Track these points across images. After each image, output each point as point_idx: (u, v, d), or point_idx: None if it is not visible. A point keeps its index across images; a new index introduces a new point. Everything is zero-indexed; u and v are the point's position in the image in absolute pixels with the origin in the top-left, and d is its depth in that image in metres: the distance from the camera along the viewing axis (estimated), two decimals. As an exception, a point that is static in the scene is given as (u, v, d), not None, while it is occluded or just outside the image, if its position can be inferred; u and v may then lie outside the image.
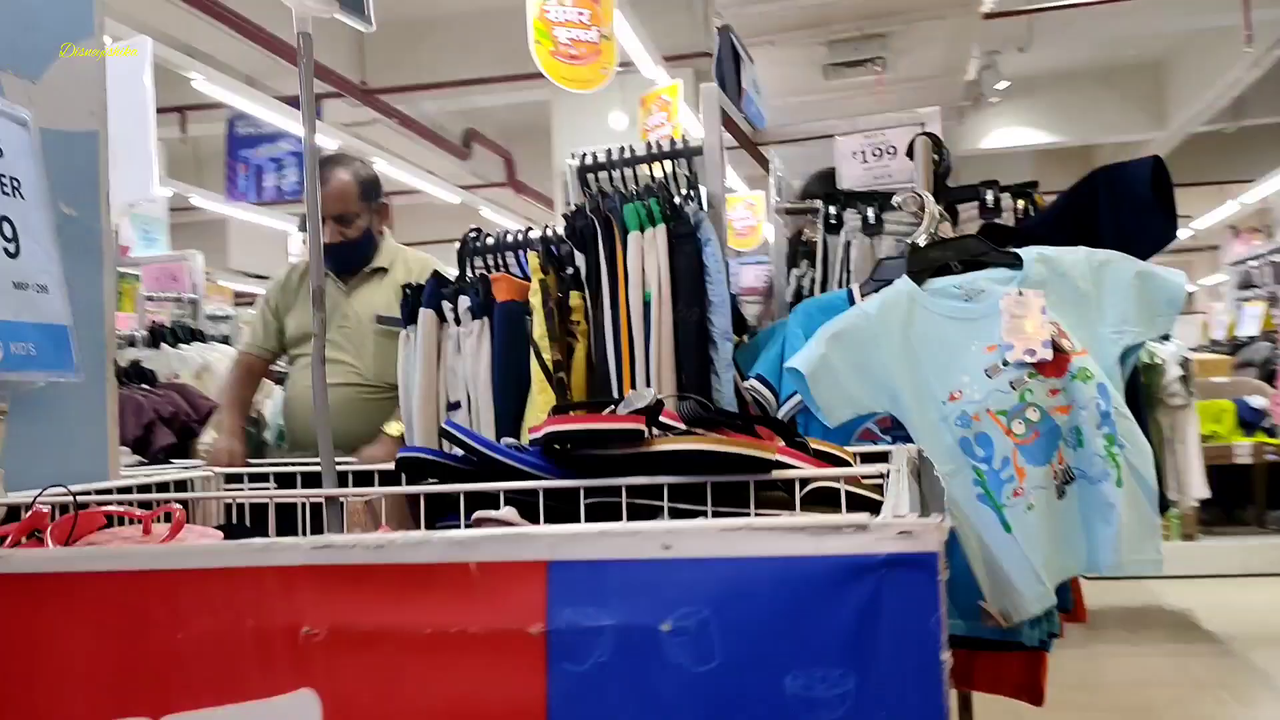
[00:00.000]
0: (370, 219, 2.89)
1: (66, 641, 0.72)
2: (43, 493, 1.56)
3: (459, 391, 2.22)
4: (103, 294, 1.97)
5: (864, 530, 0.69)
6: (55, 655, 0.72)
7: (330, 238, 2.82)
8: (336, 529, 1.43)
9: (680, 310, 2.14)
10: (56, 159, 1.88)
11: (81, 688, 0.71)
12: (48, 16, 1.88)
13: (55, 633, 0.72)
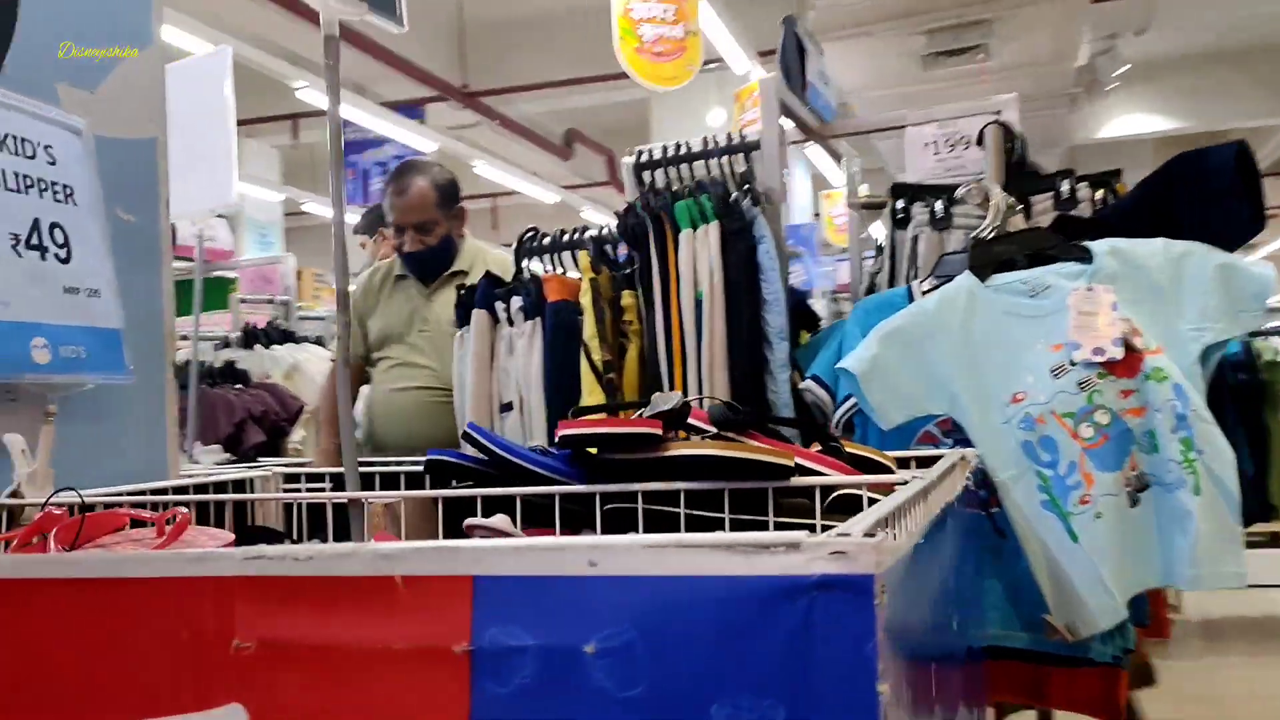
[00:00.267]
0: (449, 224, 2.88)
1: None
2: (54, 495, 1.60)
3: (511, 392, 2.21)
4: (161, 297, 2.02)
5: (795, 549, 0.64)
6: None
7: (411, 246, 2.83)
8: (359, 532, 1.43)
9: (732, 309, 2.08)
10: (115, 166, 1.93)
11: (6, 698, 0.71)
12: (106, 28, 1.93)
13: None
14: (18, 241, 1.62)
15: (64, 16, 1.84)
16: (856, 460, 1.52)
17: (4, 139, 1.64)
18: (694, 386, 2.08)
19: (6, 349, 1.56)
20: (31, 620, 0.74)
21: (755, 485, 1.29)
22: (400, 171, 3.02)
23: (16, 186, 1.64)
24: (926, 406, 1.90)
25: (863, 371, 1.86)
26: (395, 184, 2.93)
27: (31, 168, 1.68)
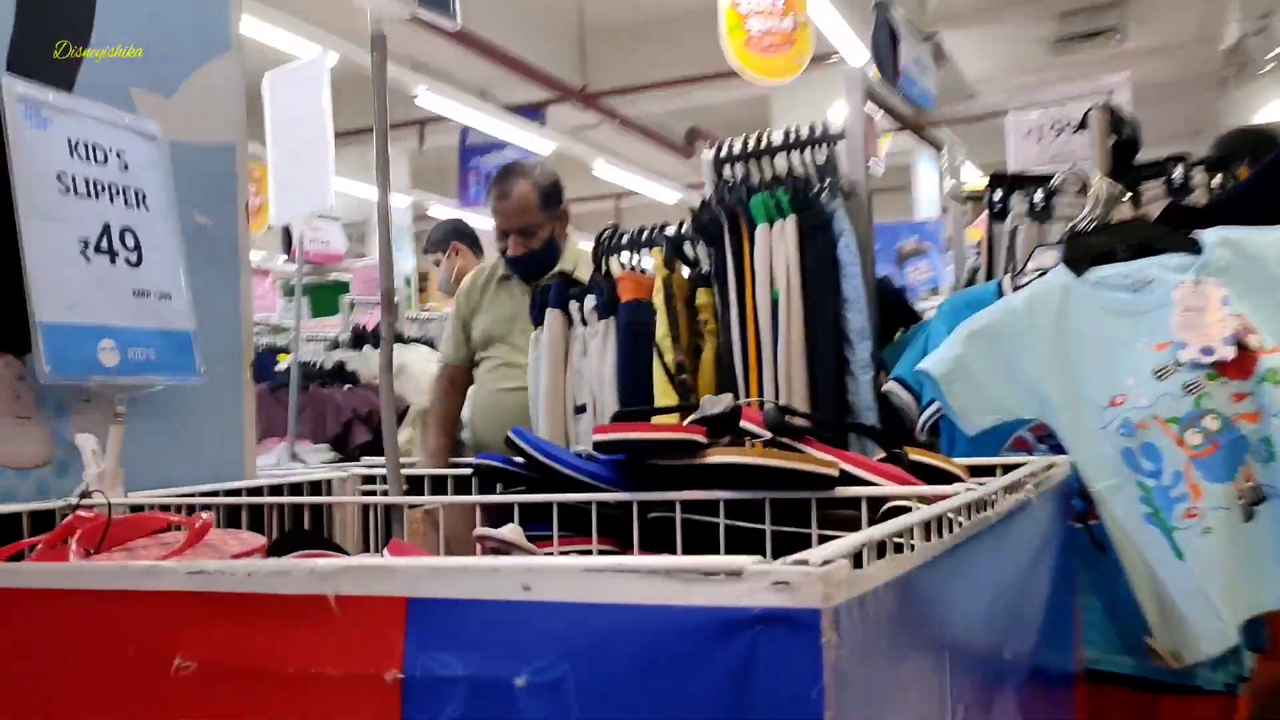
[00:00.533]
0: (552, 226, 2.85)
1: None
2: (83, 498, 1.62)
3: (585, 394, 2.16)
4: (238, 299, 2.05)
5: (737, 578, 0.56)
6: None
7: (514, 251, 2.82)
8: (399, 536, 1.40)
9: (811, 308, 1.99)
10: (192, 171, 1.96)
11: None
12: (185, 34, 1.97)
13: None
14: (86, 246, 1.65)
15: (140, 23, 1.88)
16: (922, 469, 1.42)
17: (75, 145, 1.67)
18: (770, 389, 2.00)
19: (75, 351, 1.59)
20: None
21: (797, 495, 1.21)
22: (502, 175, 3.01)
23: (87, 192, 1.67)
24: (1014, 410, 1.78)
25: (944, 373, 1.75)
26: (498, 188, 2.92)
27: (102, 173, 1.71)
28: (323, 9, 7.33)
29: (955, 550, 0.79)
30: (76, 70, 1.76)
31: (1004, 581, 1.08)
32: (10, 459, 1.63)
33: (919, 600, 0.71)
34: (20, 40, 1.66)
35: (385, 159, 1.50)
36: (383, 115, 1.49)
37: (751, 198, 2.05)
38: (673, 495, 1.27)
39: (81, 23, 1.77)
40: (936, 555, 0.73)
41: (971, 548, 0.88)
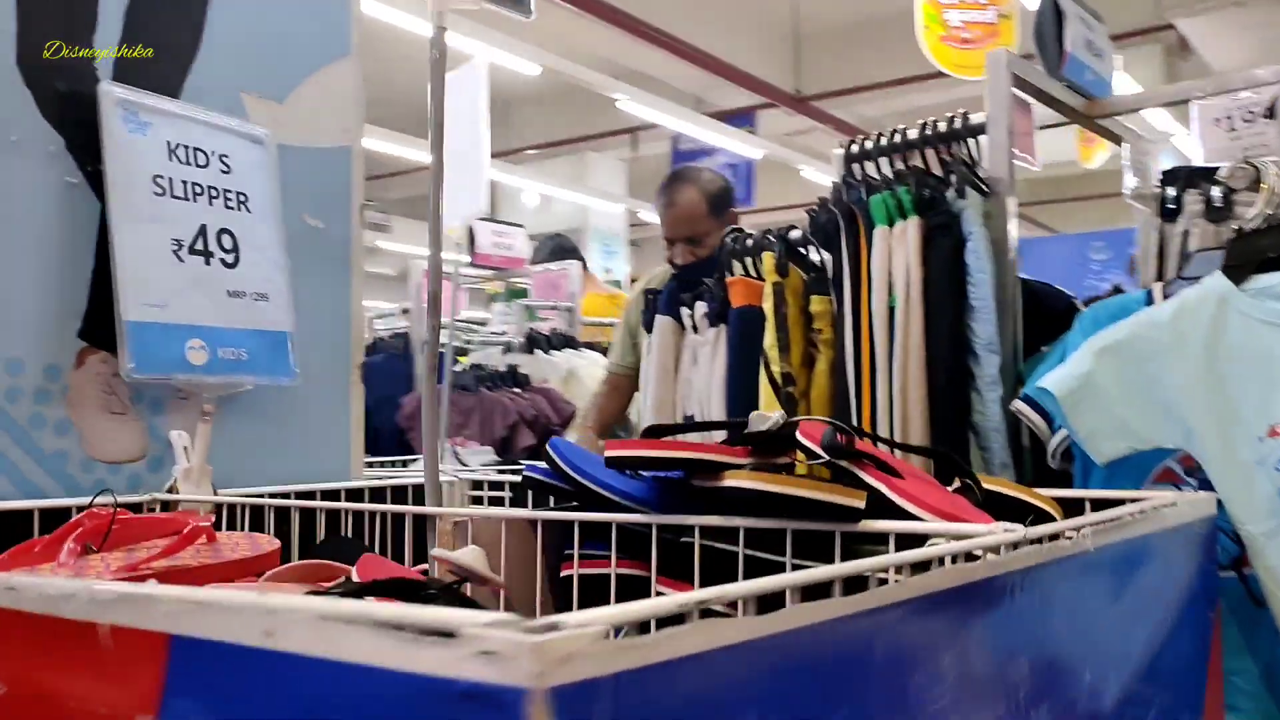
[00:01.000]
0: (720, 234, 2.77)
1: None
2: (170, 492, 1.64)
3: (693, 405, 2.05)
4: (349, 301, 2.06)
5: (450, 639, 0.46)
6: None
7: (682, 259, 2.75)
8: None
9: (932, 317, 1.81)
10: (306, 174, 1.99)
11: None
12: (300, 40, 2.00)
13: None
14: (180, 246, 1.69)
15: (252, 31, 1.92)
16: (1000, 502, 1.23)
17: (174, 148, 1.72)
18: (884, 405, 1.82)
19: (161, 350, 1.63)
20: None
21: (816, 527, 1.06)
22: (669, 182, 2.95)
23: (184, 194, 1.72)
24: (1151, 438, 1.54)
25: (1068, 392, 1.54)
26: (665, 195, 2.86)
27: (202, 176, 1.75)
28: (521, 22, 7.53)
29: (873, 615, 0.64)
30: (183, 77, 1.81)
31: (1042, 648, 0.90)
32: (103, 453, 1.69)
33: (774, 692, 0.57)
34: (126, 48, 1.73)
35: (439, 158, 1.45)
36: (439, 109, 1.45)
37: (871, 196, 1.88)
38: (691, 519, 1.15)
39: (190, 32, 1.83)
40: (812, 623, 0.58)
41: (928, 614, 0.73)
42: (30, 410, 1.60)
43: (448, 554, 1.03)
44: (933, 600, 0.75)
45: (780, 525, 1.08)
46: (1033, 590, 0.90)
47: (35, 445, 1.60)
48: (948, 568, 0.84)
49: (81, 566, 1.08)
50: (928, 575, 0.78)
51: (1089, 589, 1.00)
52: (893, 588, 0.66)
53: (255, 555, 1.18)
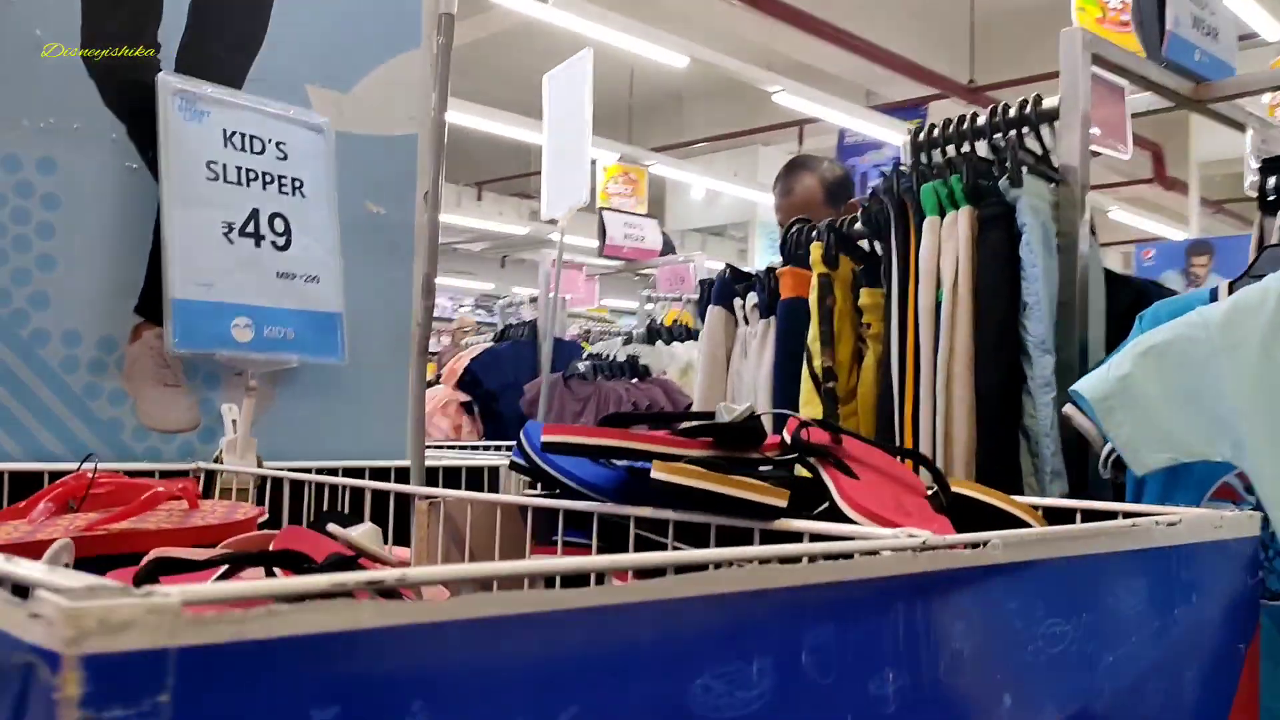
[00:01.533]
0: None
1: None
2: (216, 462, 1.71)
3: (743, 399, 2.00)
4: (411, 284, 2.11)
5: (22, 601, 0.46)
6: None
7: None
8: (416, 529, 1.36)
9: (982, 313, 1.70)
10: (369, 161, 2.06)
11: None
12: (367, 32, 2.06)
13: None
14: (230, 229, 1.77)
15: (316, 23, 1.99)
16: (975, 510, 1.15)
17: (230, 135, 1.80)
18: (927, 404, 1.73)
19: (208, 326, 1.72)
20: None
21: (740, 524, 1.02)
22: (787, 170, 2.92)
23: (237, 179, 1.80)
24: (1197, 449, 1.41)
25: (1102, 396, 1.43)
26: (782, 183, 2.83)
27: (257, 162, 1.83)
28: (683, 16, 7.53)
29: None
30: (246, 69, 1.90)
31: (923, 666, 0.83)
32: (157, 422, 1.80)
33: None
34: (190, 41, 1.82)
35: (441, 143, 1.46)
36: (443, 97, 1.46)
37: (922, 185, 1.79)
38: (627, 510, 1.12)
39: (254, 25, 1.91)
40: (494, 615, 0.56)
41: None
42: (85, 380, 1.71)
43: (340, 530, 1.04)
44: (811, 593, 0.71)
45: (704, 519, 1.04)
46: (922, 602, 0.84)
47: (90, 413, 1.72)
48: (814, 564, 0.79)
49: (46, 524, 1.15)
50: (774, 568, 0.74)
51: (1013, 607, 0.92)
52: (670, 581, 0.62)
53: (222, 523, 1.23)
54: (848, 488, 1.08)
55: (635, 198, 8.97)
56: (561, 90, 3.26)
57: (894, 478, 1.19)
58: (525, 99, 3.62)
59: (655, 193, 11.29)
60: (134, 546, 1.13)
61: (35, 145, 1.66)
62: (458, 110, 7.39)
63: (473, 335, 5.22)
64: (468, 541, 1.30)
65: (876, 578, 0.81)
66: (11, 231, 1.64)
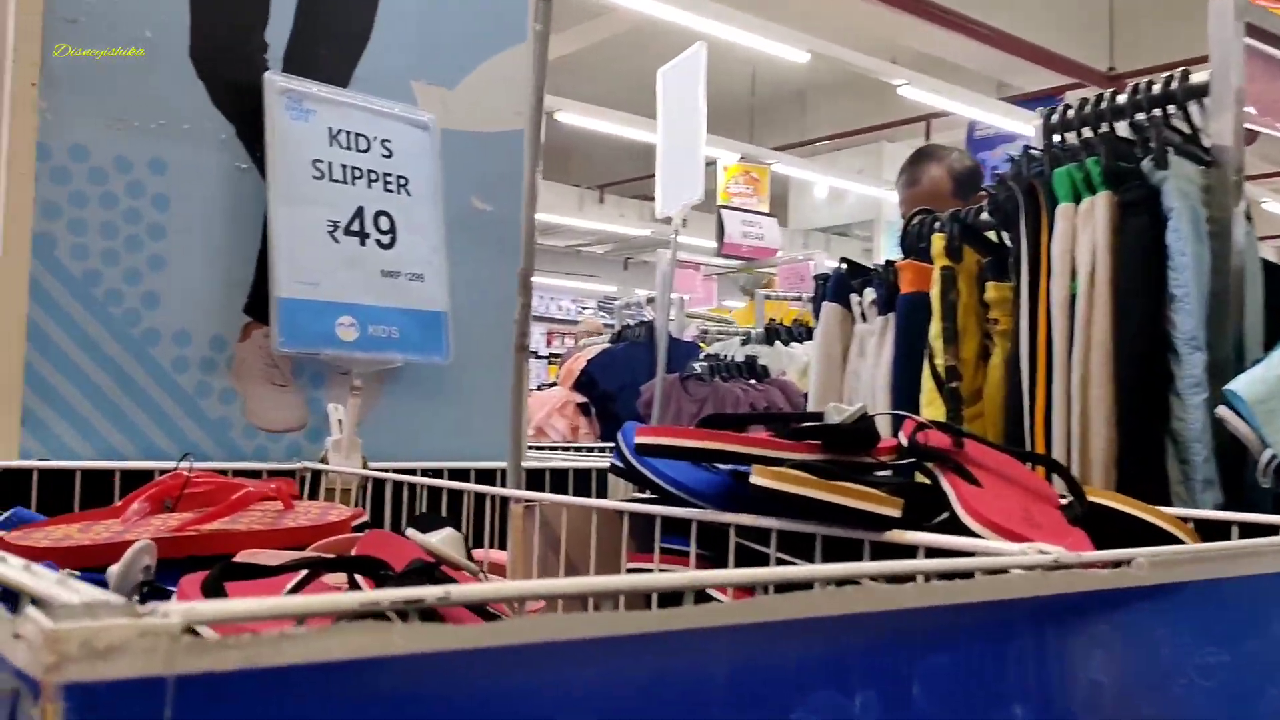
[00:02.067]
0: None
1: None
2: (322, 462, 1.69)
3: (860, 399, 1.90)
4: (516, 282, 2.07)
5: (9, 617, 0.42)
6: None
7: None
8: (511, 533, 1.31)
9: (1121, 306, 1.57)
10: (475, 158, 2.03)
11: None
12: (473, 28, 2.04)
13: None
14: (335, 228, 1.76)
15: (423, 20, 1.97)
16: (1113, 522, 1.04)
17: (336, 134, 1.79)
18: (1060, 405, 1.60)
19: (313, 325, 1.71)
20: None
21: (848, 535, 0.93)
22: (913, 160, 2.82)
23: (343, 178, 1.79)
24: (1373, 458, 1.25)
25: (1258, 398, 1.30)
26: (908, 174, 2.74)
27: (362, 160, 1.82)
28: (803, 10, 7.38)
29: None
30: (353, 67, 1.89)
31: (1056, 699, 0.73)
32: (265, 421, 1.80)
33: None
34: (297, 40, 1.82)
35: (538, 131, 1.41)
36: (539, 84, 1.41)
37: (1055, 169, 1.66)
38: (726, 517, 1.04)
39: (361, 23, 1.90)
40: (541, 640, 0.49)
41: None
42: (196, 379, 1.72)
43: (418, 536, 0.99)
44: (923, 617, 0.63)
45: (810, 529, 0.96)
46: (1054, 627, 0.74)
47: (200, 411, 1.73)
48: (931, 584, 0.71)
49: (138, 524, 1.13)
50: (894, 589, 0.65)
51: (1161, 634, 0.81)
52: (720, 607, 0.55)
53: (314, 525, 1.20)
54: (969, 496, 0.98)
55: (757, 197, 8.86)
56: (676, 85, 3.19)
57: (1022, 486, 1.08)
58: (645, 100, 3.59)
59: (778, 192, 11.15)
60: (223, 548, 1.11)
61: (146, 146, 1.68)
62: (577, 113, 7.41)
63: (595, 337, 5.21)
64: (564, 547, 1.25)
65: (1001, 600, 0.72)
66: (123, 232, 1.66)
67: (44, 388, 1.58)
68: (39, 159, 1.58)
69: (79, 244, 1.61)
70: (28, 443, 1.56)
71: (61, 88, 1.61)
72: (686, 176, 3.11)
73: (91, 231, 1.62)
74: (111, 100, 1.65)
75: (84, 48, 1.61)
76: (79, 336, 1.61)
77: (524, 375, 1.40)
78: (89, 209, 1.62)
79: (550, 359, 11.67)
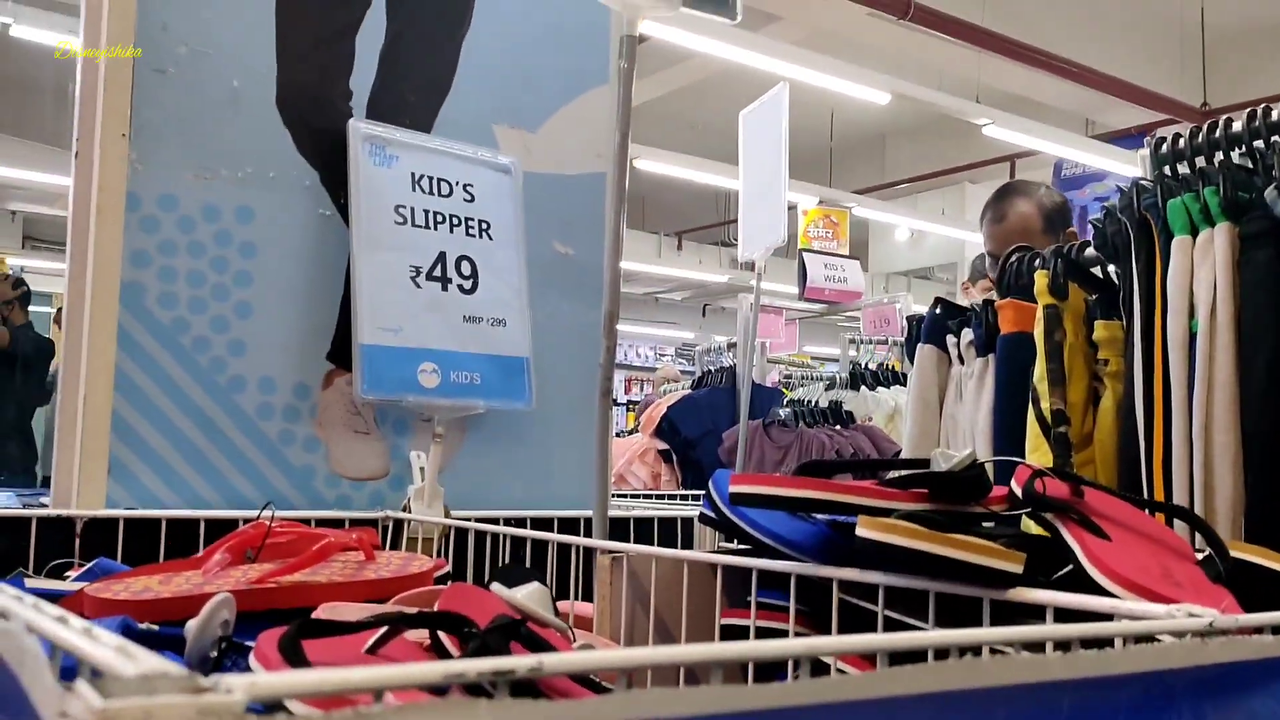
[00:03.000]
0: None
1: None
2: (404, 510, 1.66)
3: (959, 444, 1.81)
4: (599, 328, 2.03)
5: (65, 692, 0.37)
6: None
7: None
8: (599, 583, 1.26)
9: (1246, 345, 1.47)
10: (557, 201, 2.01)
11: None
12: (556, 71, 2.02)
13: None
14: (418, 273, 1.74)
15: (505, 65, 1.96)
16: (1260, 580, 0.95)
17: (418, 179, 1.78)
18: (1182, 453, 1.50)
19: (395, 371, 1.69)
20: None
21: (963, 591, 0.85)
22: (1000, 195, 2.74)
23: (425, 223, 1.77)
24: None
25: None
26: (994, 209, 2.66)
27: (444, 205, 1.80)
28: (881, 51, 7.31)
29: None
30: (436, 112, 1.88)
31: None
32: (348, 469, 1.77)
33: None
34: (381, 87, 1.82)
35: (623, 170, 1.37)
36: (625, 121, 1.37)
37: (1169, 201, 1.57)
38: (829, 572, 0.98)
39: (443, 69, 1.90)
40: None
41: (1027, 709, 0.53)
42: (280, 427, 1.71)
43: (504, 591, 0.94)
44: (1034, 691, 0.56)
45: (921, 585, 0.89)
46: (1211, 701, 0.66)
47: (284, 459, 1.71)
48: (1076, 653, 0.63)
49: (218, 575, 1.10)
50: (1038, 659, 0.58)
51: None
52: (949, 666, 0.48)
53: (394, 577, 1.16)
54: (1099, 550, 0.90)
55: (836, 240, 8.76)
56: (758, 127, 3.15)
57: (1154, 539, 0.99)
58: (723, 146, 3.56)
59: (858, 235, 11.03)
60: (304, 600, 1.07)
61: (233, 195, 1.68)
62: (655, 159, 7.43)
63: (673, 384, 5.16)
64: (653, 600, 1.19)
65: (1149, 671, 0.64)
66: (211, 280, 1.66)
67: (131, 436, 1.57)
68: (128, 209, 1.59)
69: (167, 292, 1.62)
70: (115, 491, 1.55)
71: (151, 138, 1.62)
72: (768, 219, 3.06)
73: (179, 280, 1.63)
74: (199, 150, 1.66)
75: (172, 98, 1.63)
76: (166, 384, 1.60)
77: (609, 421, 1.35)
78: (177, 257, 1.63)
79: (629, 406, 11.65)
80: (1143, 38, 8.82)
